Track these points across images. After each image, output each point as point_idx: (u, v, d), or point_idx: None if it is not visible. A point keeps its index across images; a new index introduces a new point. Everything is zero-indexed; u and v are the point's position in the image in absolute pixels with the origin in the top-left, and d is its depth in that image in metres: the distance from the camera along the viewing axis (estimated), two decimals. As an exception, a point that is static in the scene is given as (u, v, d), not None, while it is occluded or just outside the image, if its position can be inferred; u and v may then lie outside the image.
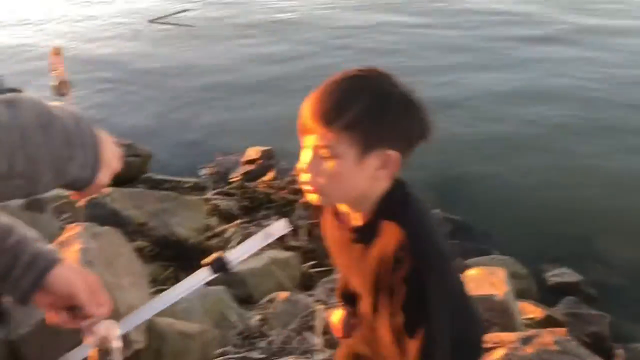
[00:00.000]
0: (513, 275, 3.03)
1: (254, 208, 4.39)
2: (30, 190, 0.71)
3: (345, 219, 1.21)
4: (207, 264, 1.38)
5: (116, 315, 1.87)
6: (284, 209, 4.30)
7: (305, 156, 1.11)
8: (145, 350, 2.03)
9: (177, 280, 3.05)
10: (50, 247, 0.96)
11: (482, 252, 3.87)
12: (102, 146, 0.78)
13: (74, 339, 0.94)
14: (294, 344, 2.51)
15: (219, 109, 6.83)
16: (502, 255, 3.84)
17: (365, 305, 1.23)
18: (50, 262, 0.93)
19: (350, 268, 1.26)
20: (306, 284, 3.35)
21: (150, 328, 2.08)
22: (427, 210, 1.19)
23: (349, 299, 1.51)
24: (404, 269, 1.07)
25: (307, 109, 1.08)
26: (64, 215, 3.13)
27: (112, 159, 0.82)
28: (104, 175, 0.79)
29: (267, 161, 5.17)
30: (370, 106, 1.05)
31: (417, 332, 1.07)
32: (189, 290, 1.65)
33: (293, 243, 3.72)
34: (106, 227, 2.28)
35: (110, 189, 3.52)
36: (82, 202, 3.23)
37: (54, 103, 0.76)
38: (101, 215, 3.17)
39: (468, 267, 2.99)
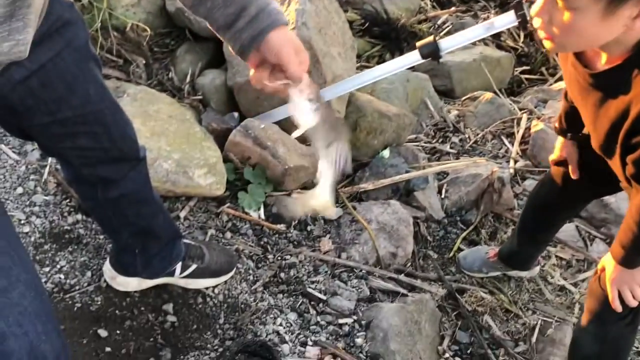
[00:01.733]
0: None
1: (474, -3, 4.03)
2: None
3: (587, 58, 1.03)
4: (419, 47, 1.33)
5: (322, 82, 1.94)
6: (506, 4, 3.88)
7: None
8: (343, 120, 2.12)
9: (381, 59, 3.05)
10: (276, 6, 0.93)
11: None
12: None
13: (283, 98, 0.97)
14: (488, 147, 2.44)
15: None
16: None
17: (594, 142, 1.13)
18: (271, 24, 0.91)
19: (582, 106, 1.12)
20: (514, 89, 3.14)
21: (351, 101, 2.14)
22: None
23: (572, 125, 1.38)
24: None
25: None
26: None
27: None
28: None
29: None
30: None
31: None
32: (395, 70, 1.62)
33: (509, 43, 3.41)
34: (323, -7, 2.24)
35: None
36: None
37: None
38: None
39: None
